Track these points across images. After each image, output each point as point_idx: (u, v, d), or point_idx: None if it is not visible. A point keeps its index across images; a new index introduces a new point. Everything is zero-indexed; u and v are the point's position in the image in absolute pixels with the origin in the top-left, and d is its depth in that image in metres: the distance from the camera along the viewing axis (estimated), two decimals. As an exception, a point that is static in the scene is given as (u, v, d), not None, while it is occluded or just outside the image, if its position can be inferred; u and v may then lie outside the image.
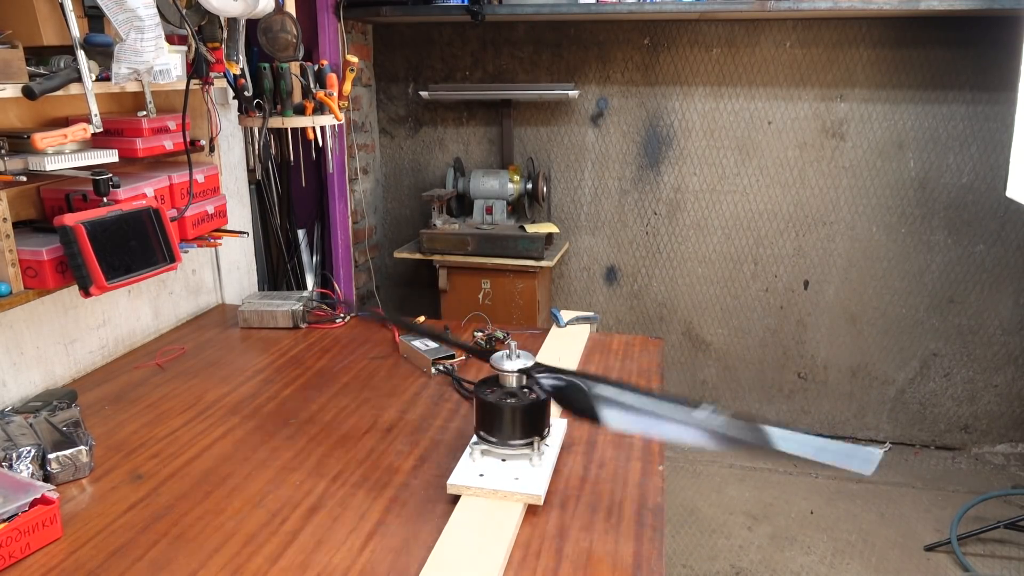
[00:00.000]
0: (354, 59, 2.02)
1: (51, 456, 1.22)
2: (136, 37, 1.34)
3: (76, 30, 1.30)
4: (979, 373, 3.12)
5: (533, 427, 1.21)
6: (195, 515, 1.15)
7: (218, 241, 1.82)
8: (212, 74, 1.65)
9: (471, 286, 2.97)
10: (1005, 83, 2.79)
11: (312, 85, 1.89)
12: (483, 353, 1.34)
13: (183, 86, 1.59)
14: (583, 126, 3.19)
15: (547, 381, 1.18)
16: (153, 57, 1.38)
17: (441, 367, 1.67)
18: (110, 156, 1.44)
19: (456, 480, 1.17)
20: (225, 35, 1.68)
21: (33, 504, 1.08)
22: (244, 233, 1.97)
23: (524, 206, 3.16)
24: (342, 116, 1.97)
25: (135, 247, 1.44)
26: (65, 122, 1.57)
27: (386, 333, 1.93)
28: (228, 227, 1.87)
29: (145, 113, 1.57)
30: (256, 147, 2.05)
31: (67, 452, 1.24)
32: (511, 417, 1.20)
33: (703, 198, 3.17)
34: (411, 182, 3.43)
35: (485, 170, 3.12)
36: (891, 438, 3.27)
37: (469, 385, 1.57)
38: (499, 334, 1.81)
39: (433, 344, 1.75)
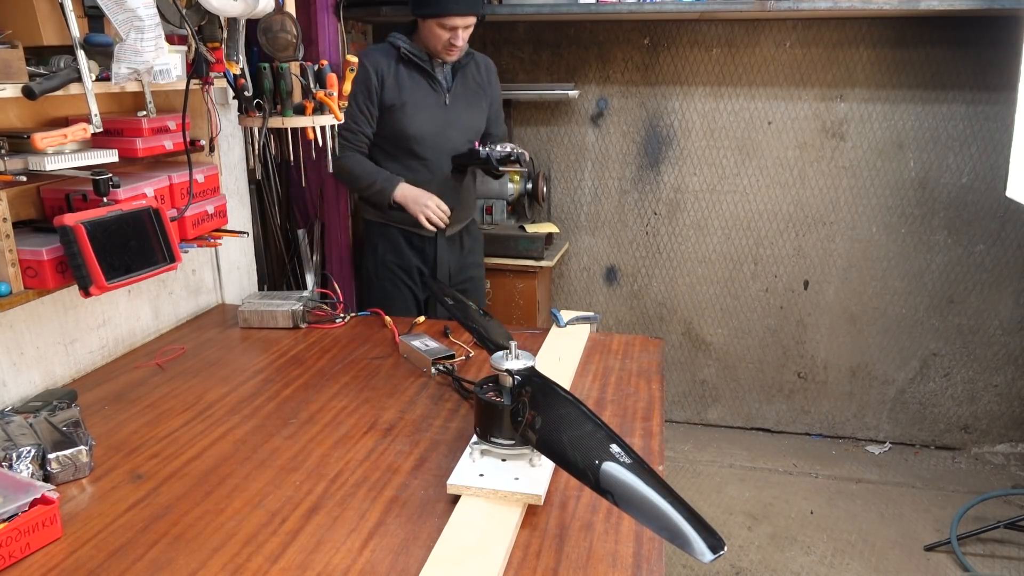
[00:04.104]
0: (354, 59, 2.02)
1: (51, 456, 1.22)
2: (136, 37, 1.34)
3: (76, 30, 1.30)
4: (979, 373, 3.12)
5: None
6: (195, 515, 1.15)
7: (218, 241, 1.82)
8: (212, 74, 1.65)
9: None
10: (1005, 83, 2.79)
11: (312, 85, 1.89)
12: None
13: (183, 86, 1.59)
14: (583, 126, 3.19)
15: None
16: (153, 57, 1.38)
17: (441, 367, 1.67)
18: (110, 156, 1.44)
19: (456, 480, 1.17)
20: (225, 35, 1.67)
21: (33, 504, 1.08)
22: (244, 233, 1.97)
23: (524, 206, 3.16)
24: (342, 116, 1.97)
25: (135, 247, 1.44)
26: (65, 122, 1.57)
27: (386, 333, 1.93)
28: (228, 227, 1.87)
29: (145, 113, 1.57)
30: (256, 147, 2.04)
31: (67, 452, 1.24)
32: (511, 417, 1.20)
33: (703, 198, 3.17)
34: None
35: (485, 170, 3.12)
36: (891, 438, 3.27)
37: (469, 385, 1.57)
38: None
39: (433, 344, 1.75)
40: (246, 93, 1.82)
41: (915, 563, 2.49)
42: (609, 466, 0.96)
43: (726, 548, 0.84)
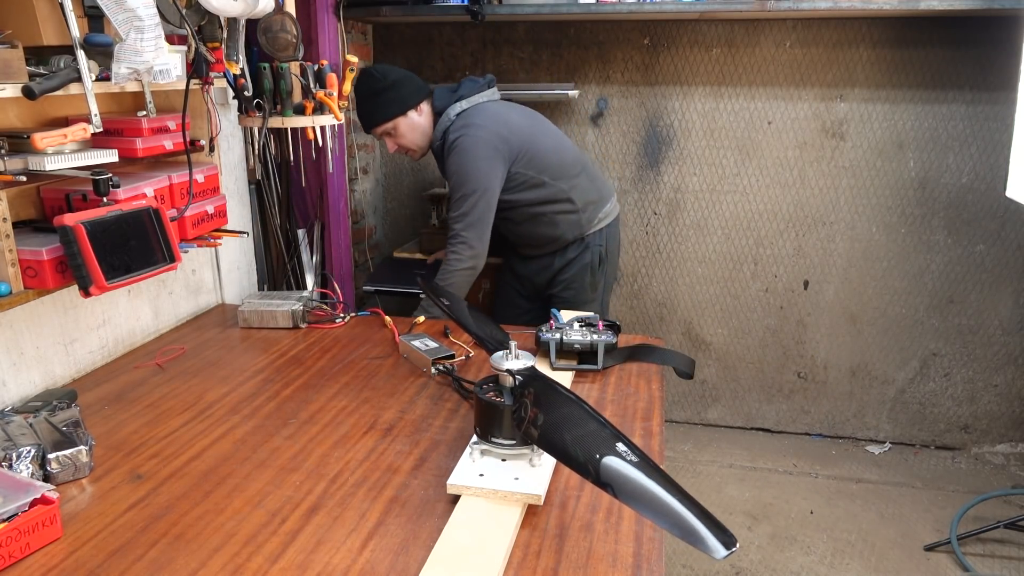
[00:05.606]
0: (354, 59, 2.02)
1: (51, 456, 1.22)
2: (136, 37, 1.34)
3: (76, 30, 1.30)
4: (979, 373, 3.12)
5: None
6: (195, 515, 1.15)
7: (218, 241, 1.82)
8: (212, 74, 1.65)
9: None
10: (1005, 83, 2.79)
11: (312, 85, 1.90)
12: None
13: (183, 86, 1.59)
14: (583, 126, 3.19)
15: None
16: (153, 57, 1.38)
17: (441, 367, 1.67)
18: (110, 156, 1.44)
19: (456, 480, 1.17)
20: (225, 35, 1.68)
21: (33, 504, 1.08)
22: (244, 233, 1.97)
23: (524, 206, 3.15)
24: (342, 116, 1.97)
25: (135, 247, 1.44)
26: (65, 122, 1.57)
27: (386, 333, 1.93)
28: (228, 227, 1.87)
29: (145, 113, 1.57)
30: (256, 147, 2.05)
31: (67, 452, 1.24)
32: (511, 417, 1.20)
33: (703, 198, 3.17)
34: (411, 182, 3.43)
35: (485, 170, 3.11)
36: (891, 438, 3.27)
37: (469, 385, 1.57)
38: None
39: (433, 344, 1.75)
40: (246, 93, 1.83)
41: (915, 563, 2.49)
42: (617, 463, 0.96)
43: (738, 545, 0.85)
